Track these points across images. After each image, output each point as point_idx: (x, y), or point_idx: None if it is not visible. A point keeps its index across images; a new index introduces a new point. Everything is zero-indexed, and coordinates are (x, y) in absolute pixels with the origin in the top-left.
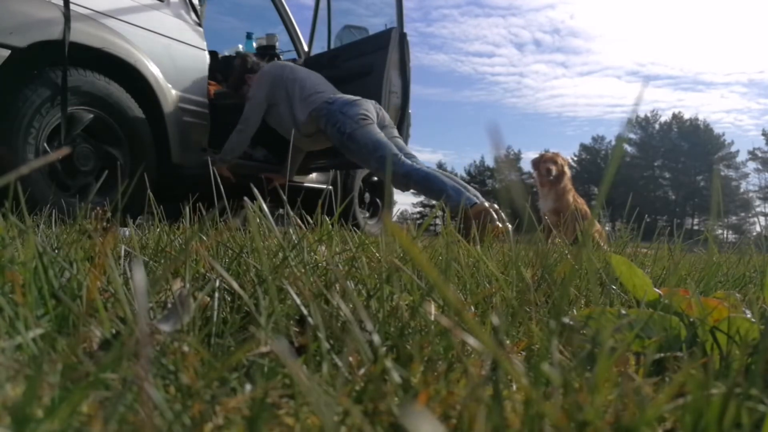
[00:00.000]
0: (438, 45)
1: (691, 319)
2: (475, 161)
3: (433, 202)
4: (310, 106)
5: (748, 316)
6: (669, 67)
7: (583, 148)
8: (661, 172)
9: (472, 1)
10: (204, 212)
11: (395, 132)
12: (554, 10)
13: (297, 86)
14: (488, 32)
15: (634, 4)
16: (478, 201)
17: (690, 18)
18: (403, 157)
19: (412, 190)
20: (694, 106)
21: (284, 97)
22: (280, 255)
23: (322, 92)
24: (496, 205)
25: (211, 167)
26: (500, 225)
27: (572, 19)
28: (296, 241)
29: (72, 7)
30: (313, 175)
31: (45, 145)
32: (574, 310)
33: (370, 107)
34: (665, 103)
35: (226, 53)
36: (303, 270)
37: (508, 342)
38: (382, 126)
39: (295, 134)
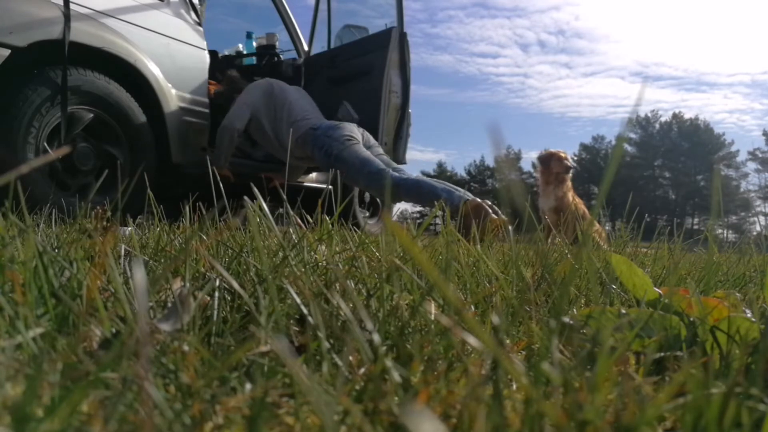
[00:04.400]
0: (443, 46)
1: (691, 319)
2: (475, 161)
3: (434, 201)
4: (297, 133)
5: (749, 315)
6: (672, 68)
7: (584, 147)
8: (661, 172)
9: (478, 3)
10: (204, 211)
11: (381, 150)
12: (559, 12)
13: (285, 110)
14: (493, 33)
15: (639, 5)
16: (470, 198)
17: (693, 19)
18: (391, 171)
19: (408, 202)
20: (697, 107)
21: (269, 113)
22: (280, 254)
23: (309, 119)
24: (488, 201)
25: (210, 167)
26: (497, 218)
27: (577, 20)
28: (296, 241)
29: (72, 6)
30: (313, 175)
31: (45, 144)
32: (574, 310)
33: (354, 129)
34: (668, 104)
35: (226, 53)
36: (303, 269)
37: (508, 341)
38: (368, 146)
39: (282, 154)
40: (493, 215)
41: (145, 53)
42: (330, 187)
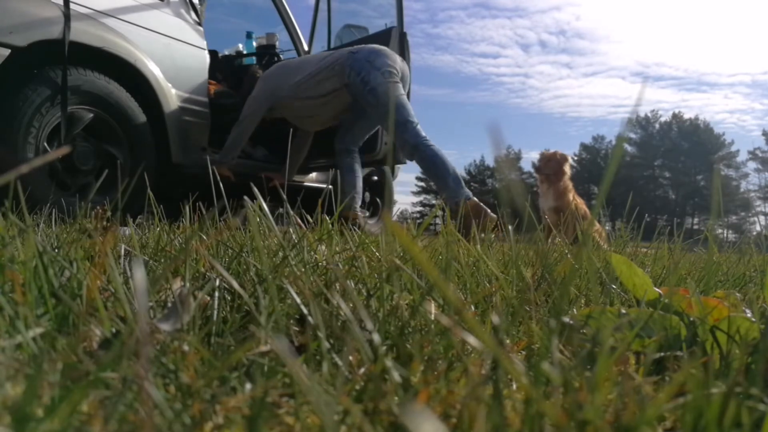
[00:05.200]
0: (444, 46)
1: (691, 319)
2: (475, 160)
3: (433, 201)
4: (331, 62)
5: (749, 315)
6: (673, 68)
7: (584, 147)
8: (661, 172)
9: (479, 3)
10: (204, 211)
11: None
12: (560, 12)
13: (305, 66)
14: (494, 33)
15: (639, 6)
16: (470, 197)
17: (694, 19)
18: (418, 127)
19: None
20: (698, 107)
21: (291, 87)
22: (280, 254)
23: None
24: (484, 199)
25: (210, 167)
26: (494, 217)
27: (578, 20)
28: (296, 241)
29: (72, 6)
30: (313, 175)
31: (45, 144)
32: (574, 310)
33: (396, 59)
34: (669, 104)
35: (226, 53)
36: (303, 269)
37: (508, 341)
38: (404, 82)
39: (313, 103)
40: (492, 215)
41: (145, 53)
42: (330, 186)
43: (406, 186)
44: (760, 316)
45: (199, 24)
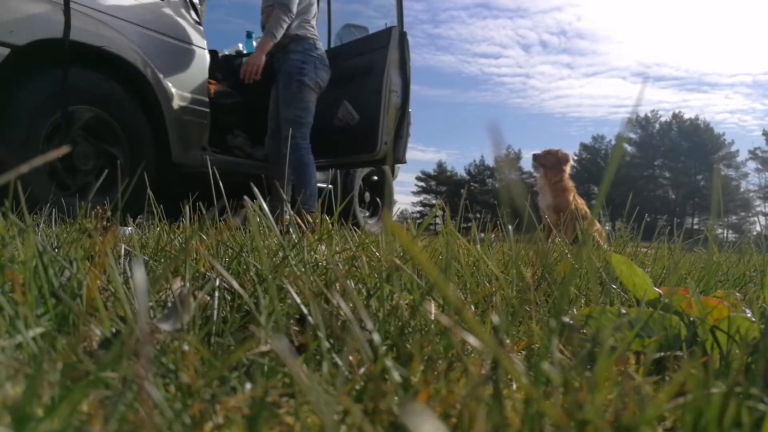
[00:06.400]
0: (445, 46)
1: (691, 319)
2: (475, 160)
3: (433, 202)
4: (301, 30)
5: (749, 315)
6: (674, 69)
7: (584, 147)
8: (661, 172)
9: (480, 3)
10: (204, 211)
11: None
12: (561, 12)
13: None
14: (495, 33)
15: (640, 6)
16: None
17: (695, 20)
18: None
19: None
20: (699, 107)
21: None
22: (280, 254)
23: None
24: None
25: (210, 167)
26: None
27: (579, 21)
28: (296, 241)
29: (72, 5)
30: None
31: (45, 144)
32: (575, 310)
33: (322, 76)
34: (670, 104)
35: (227, 52)
36: (303, 269)
37: (508, 341)
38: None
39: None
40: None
41: (145, 53)
42: (330, 186)
43: (406, 186)
44: (760, 316)
45: (199, 24)
